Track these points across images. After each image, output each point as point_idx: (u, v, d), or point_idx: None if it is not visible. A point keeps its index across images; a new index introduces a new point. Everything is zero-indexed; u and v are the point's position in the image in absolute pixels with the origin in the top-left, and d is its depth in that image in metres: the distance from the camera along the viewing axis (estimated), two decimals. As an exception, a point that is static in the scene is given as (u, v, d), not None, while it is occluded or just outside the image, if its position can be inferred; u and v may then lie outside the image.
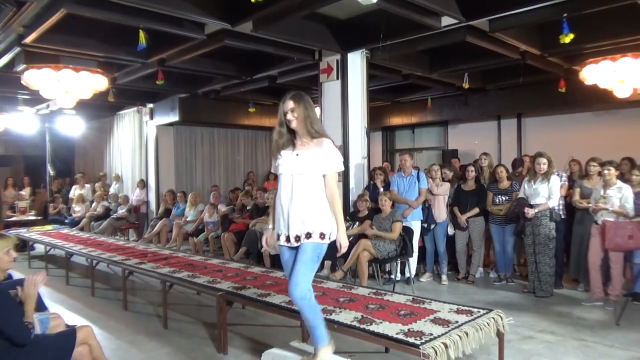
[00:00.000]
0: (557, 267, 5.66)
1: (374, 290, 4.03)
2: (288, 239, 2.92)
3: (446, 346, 2.79)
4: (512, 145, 10.07)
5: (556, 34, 5.18)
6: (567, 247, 5.91)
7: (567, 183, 5.92)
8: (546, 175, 5.38)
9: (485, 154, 6.70)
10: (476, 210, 6.08)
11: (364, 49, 6.57)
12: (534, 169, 5.50)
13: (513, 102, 9.56)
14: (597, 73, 6.40)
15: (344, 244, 2.93)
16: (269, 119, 11.67)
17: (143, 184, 10.93)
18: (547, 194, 5.37)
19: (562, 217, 5.68)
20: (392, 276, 6.09)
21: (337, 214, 2.94)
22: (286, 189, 2.94)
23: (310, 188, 2.90)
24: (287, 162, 2.94)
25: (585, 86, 6.89)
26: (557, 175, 5.58)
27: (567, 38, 5.06)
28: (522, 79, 8.07)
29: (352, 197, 6.63)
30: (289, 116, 2.91)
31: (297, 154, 2.93)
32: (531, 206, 5.40)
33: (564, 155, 6.73)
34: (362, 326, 3.13)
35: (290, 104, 2.92)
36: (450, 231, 6.27)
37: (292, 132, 2.99)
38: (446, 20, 5.51)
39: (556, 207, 5.46)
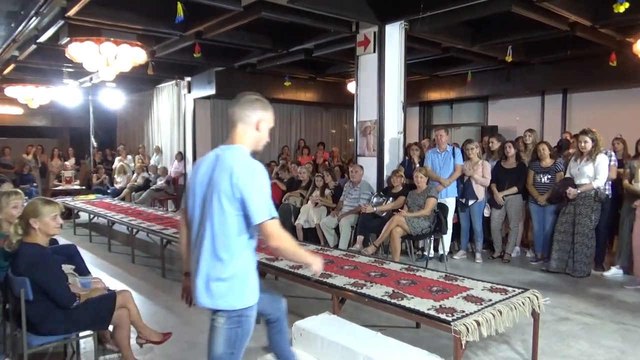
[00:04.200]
0: (599, 249, 5.47)
1: (406, 266, 4.00)
2: None
3: (478, 324, 2.75)
4: (555, 122, 9.67)
5: (610, 3, 4.88)
6: (610, 229, 5.68)
7: (616, 164, 5.64)
8: (591, 155, 5.15)
9: (530, 130, 6.44)
10: (514, 189, 5.91)
11: (403, 21, 6.37)
12: (578, 147, 5.27)
13: (559, 77, 9.14)
14: (652, 45, 6.03)
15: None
16: (305, 93, 11.64)
17: (181, 157, 11.17)
18: (592, 174, 5.16)
19: (609, 196, 5.41)
20: (425, 253, 6.04)
21: None
22: None
23: None
24: None
25: (638, 60, 6.52)
26: (606, 154, 5.32)
27: (622, 7, 4.76)
28: (570, 52, 7.68)
29: (387, 172, 6.56)
30: None
31: None
32: (575, 186, 5.21)
33: (613, 133, 6.42)
34: (393, 301, 3.12)
35: None
36: (487, 212, 6.13)
37: None
38: (491, -11, 5.27)
39: (601, 187, 5.23)
